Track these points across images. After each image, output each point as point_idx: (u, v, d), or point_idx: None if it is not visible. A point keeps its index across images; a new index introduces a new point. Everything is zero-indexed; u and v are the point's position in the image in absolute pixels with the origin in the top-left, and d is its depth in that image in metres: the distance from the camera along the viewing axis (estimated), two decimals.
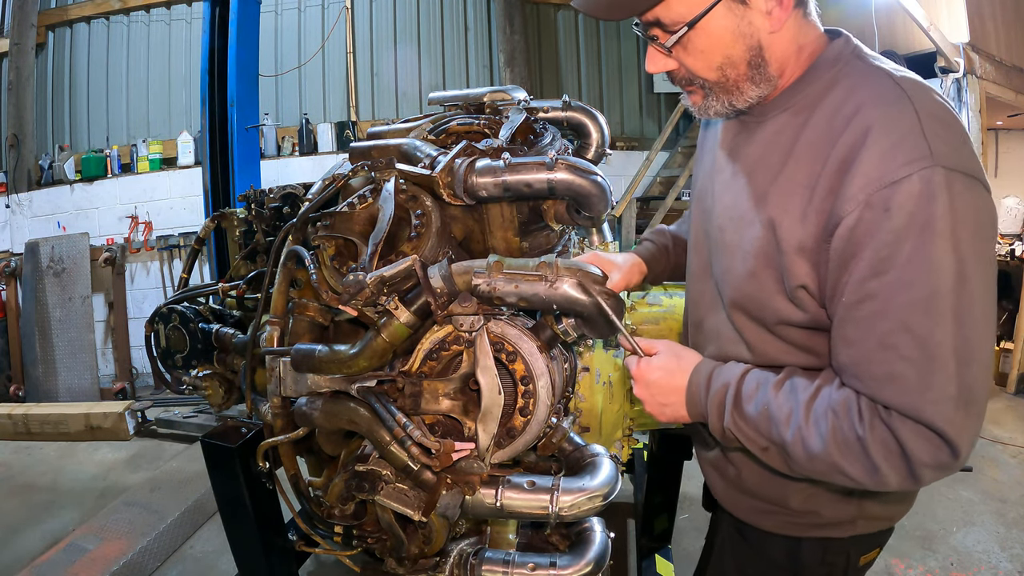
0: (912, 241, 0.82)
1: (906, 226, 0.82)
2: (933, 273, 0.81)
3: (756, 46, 0.96)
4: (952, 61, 3.91)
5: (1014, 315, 4.97)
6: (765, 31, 0.95)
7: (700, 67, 0.99)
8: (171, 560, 2.97)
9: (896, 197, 0.82)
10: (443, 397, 1.34)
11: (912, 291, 0.82)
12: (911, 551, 2.85)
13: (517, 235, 1.46)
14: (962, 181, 0.82)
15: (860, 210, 0.85)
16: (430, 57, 6.21)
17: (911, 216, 0.82)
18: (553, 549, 1.55)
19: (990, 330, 0.87)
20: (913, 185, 0.82)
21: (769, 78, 0.99)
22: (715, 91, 1.01)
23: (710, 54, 0.96)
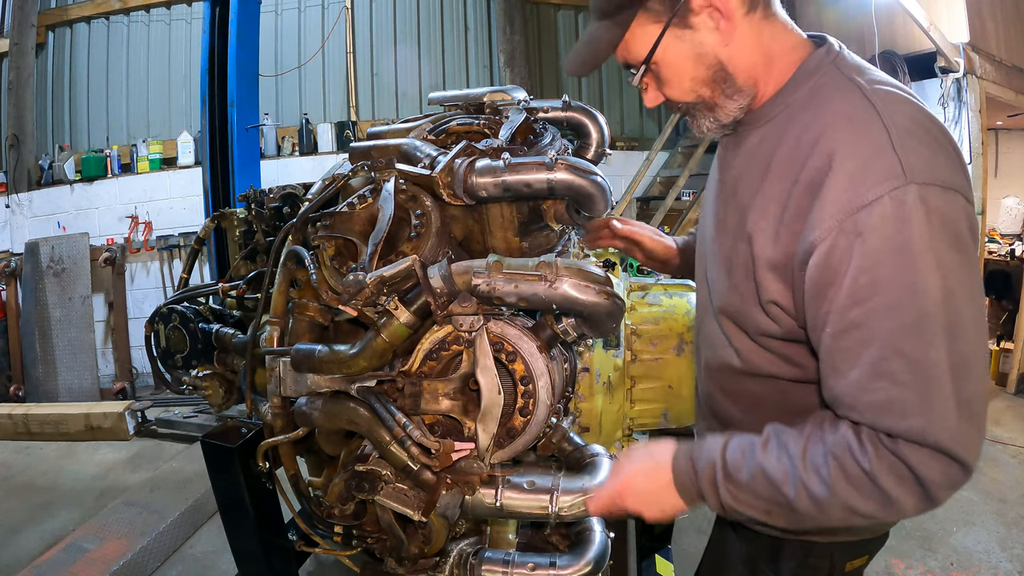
0: (890, 265, 0.81)
1: (882, 249, 0.81)
2: (918, 295, 0.80)
3: (715, 63, 0.99)
4: (952, 61, 3.91)
5: (1014, 315, 4.97)
6: (720, 46, 0.97)
7: (676, 94, 1.04)
8: (171, 560, 2.97)
9: (868, 221, 0.81)
10: (443, 397, 1.34)
11: (899, 315, 0.81)
12: (911, 551, 2.85)
13: (517, 235, 1.46)
14: (937, 194, 0.81)
15: (833, 236, 0.84)
16: (430, 57, 6.21)
17: (886, 239, 0.81)
18: (553, 549, 1.55)
19: (982, 337, 0.86)
20: (885, 207, 0.81)
21: (740, 89, 1.00)
22: (699, 112, 1.05)
23: (678, 81, 1.02)
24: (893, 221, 0.80)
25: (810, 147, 0.89)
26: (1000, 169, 6.13)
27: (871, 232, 0.81)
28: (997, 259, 5.28)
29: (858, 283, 0.82)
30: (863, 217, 0.81)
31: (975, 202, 0.91)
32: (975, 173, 4.01)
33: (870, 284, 0.82)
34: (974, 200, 0.88)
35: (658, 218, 5.60)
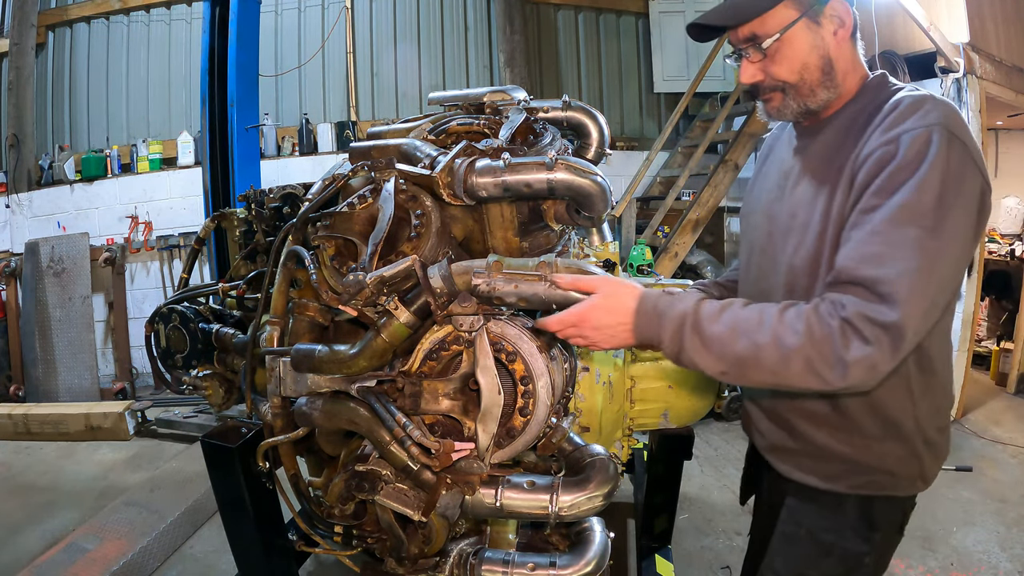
0: (912, 169, 1.05)
1: (912, 160, 1.05)
2: (921, 190, 1.03)
3: (826, 56, 1.22)
4: (952, 61, 3.91)
5: (1014, 315, 4.97)
6: (832, 46, 1.22)
7: (784, 72, 1.23)
8: (171, 560, 2.97)
9: (910, 140, 1.07)
10: (443, 397, 1.34)
11: (904, 196, 1.04)
12: (911, 551, 2.85)
13: (517, 235, 1.46)
14: (961, 148, 1.06)
15: (881, 149, 1.09)
16: (430, 57, 6.21)
17: (918, 153, 1.05)
18: (553, 549, 1.55)
19: (955, 270, 1.07)
20: (922, 134, 1.06)
21: (836, 84, 1.24)
22: (794, 93, 1.24)
23: (792, 61, 1.22)
24: (925, 143, 1.05)
25: (886, 113, 1.15)
26: (1000, 169, 6.13)
27: (911, 145, 1.06)
28: (997, 259, 5.28)
29: (889, 180, 1.06)
30: (907, 135, 1.07)
31: None
32: None
33: (896, 180, 1.05)
34: (990, 207, 1.12)
35: (658, 218, 5.59)
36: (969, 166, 1.07)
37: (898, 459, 1.26)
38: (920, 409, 1.24)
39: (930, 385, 1.24)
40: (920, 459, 1.27)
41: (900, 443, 1.25)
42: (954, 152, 1.05)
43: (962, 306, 4.15)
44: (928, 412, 1.25)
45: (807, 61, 1.22)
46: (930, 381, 1.23)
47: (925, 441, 1.26)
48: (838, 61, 1.23)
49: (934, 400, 1.26)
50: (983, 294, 4.85)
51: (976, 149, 1.09)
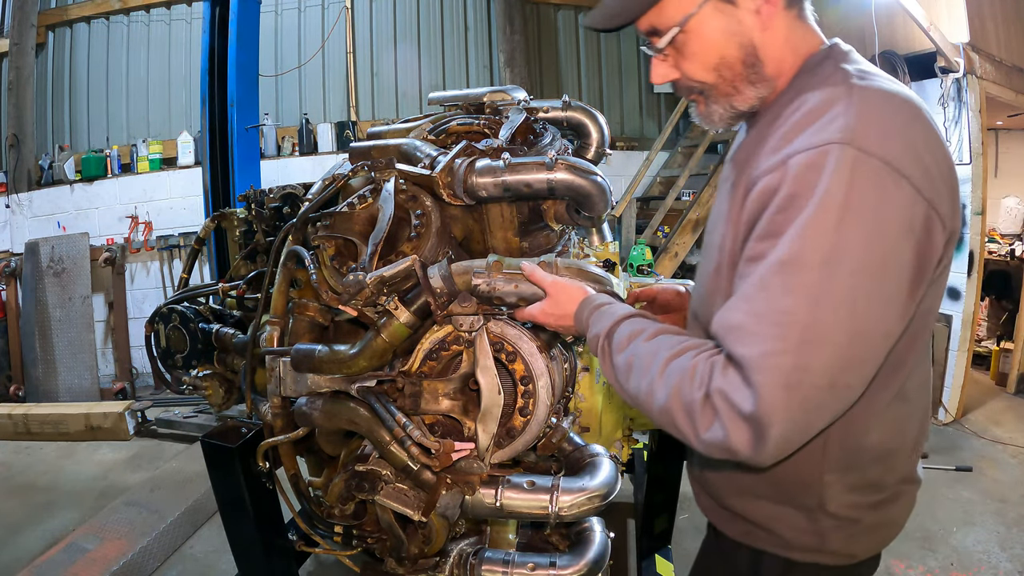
0: (797, 209, 0.81)
1: (796, 195, 0.82)
2: (805, 243, 0.80)
3: (749, 44, 0.97)
4: (952, 61, 3.91)
5: (1014, 315, 4.97)
6: (756, 30, 0.96)
7: (697, 70, 1.00)
8: (171, 560, 2.96)
9: (797, 167, 0.83)
10: (443, 397, 1.34)
11: (780, 252, 0.81)
12: (911, 551, 2.85)
13: (517, 235, 1.46)
14: (878, 170, 0.80)
15: (767, 176, 0.86)
16: (430, 57, 6.21)
17: (805, 186, 0.81)
18: (553, 549, 1.55)
19: (861, 327, 0.80)
20: (813, 156, 0.82)
21: (765, 78, 0.99)
22: (715, 94, 1.02)
23: (705, 55, 0.98)
24: (814, 170, 0.81)
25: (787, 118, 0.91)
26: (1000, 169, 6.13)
27: (795, 177, 0.83)
28: (997, 259, 5.28)
29: (773, 220, 0.84)
30: (794, 160, 0.83)
31: (975, 203, 0.93)
32: (975, 173, 4.01)
33: (778, 223, 0.83)
34: (946, 214, 0.85)
35: (658, 218, 5.59)
36: (892, 192, 0.80)
37: (791, 527, 1.04)
38: (831, 487, 0.99)
39: (857, 462, 0.99)
40: (823, 536, 1.02)
41: (795, 510, 1.02)
42: (862, 179, 0.79)
43: (962, 306, 4.15)
44: (845, 488, 1.00)
45: (723, 53, 0.97)
46: (858, 458, 0.99)
47: (834, 517, 1.01)
48: (766, 46, 0.97)
49: (863, 476, 1.00)
50: (983, 294, 4.85)
51: (911, 162, 0.82)
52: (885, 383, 0.94)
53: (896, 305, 0.83)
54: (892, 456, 1.01)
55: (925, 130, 0.87)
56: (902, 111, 0.86)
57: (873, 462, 1.00)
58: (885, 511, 1.04)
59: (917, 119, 0.87)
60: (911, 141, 0.84)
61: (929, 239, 0.83)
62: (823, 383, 0.79)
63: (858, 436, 0.97)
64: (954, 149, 4.05)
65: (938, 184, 0.84)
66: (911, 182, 0.81)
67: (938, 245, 0.85)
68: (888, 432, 0.99)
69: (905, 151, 0.82)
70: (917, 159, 0.83)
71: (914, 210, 0.82)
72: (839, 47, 1.00)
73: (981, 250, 4.12)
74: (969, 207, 4.07)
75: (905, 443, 1.03)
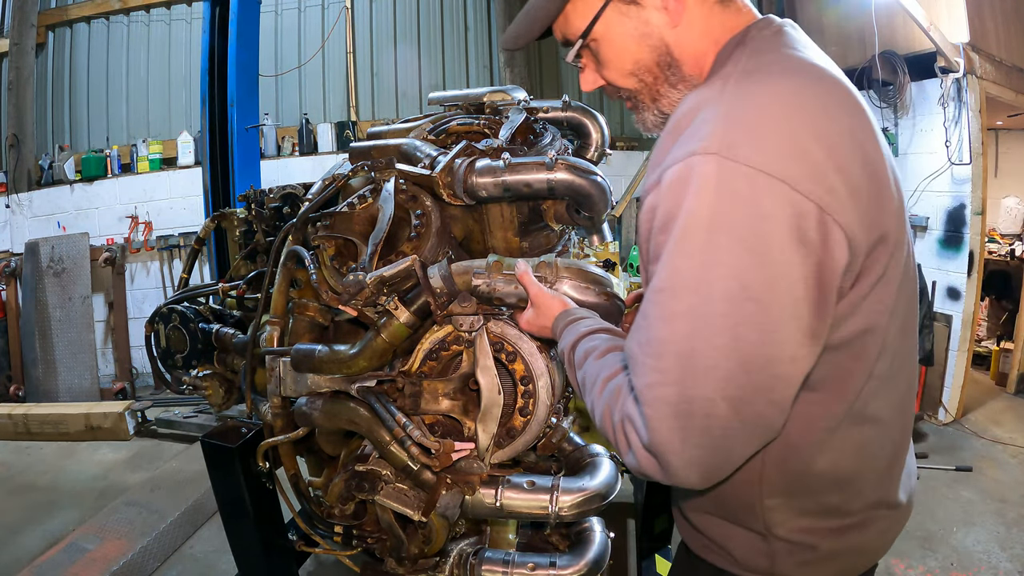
0: (669, 231, 0.76)
1: (670, 214, 0.76)
2: (674, 270, 0.75)
3: (661, 45, 0.91)
4: (952, 61, 3.91)
5: (1014, 315, 4.97)
6: (666, 28, 0.90)
7: (616, 77, 0.96)
8: (171, 560, 2.96)
9: (668, 182, 0.77)
10: (443, 397, 1.34)
11: (656, 280, 0.77)
12: (911, 551, 2.85)
13: (517, 235, 1.46)
14: (746, 177, 0.72)
15: (649, 195, 0.82)
16: (430, 57, 6.21)
17: (675, 202, 0.76)
18: (553, 549, 1.55)
19: (752, 353, 0.72)
20: (679, 171, 0.76)
21: (686, 78, 0.93)
22: (640, 100, 0.97)
23: (619, 62, 0.94)
24: (681, 185, 0.75)
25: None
26: (1000, 169, 6.13)
27: (666, 194, 0.77)
28: (997, 259, 5.28)
29: (655, 241, 0.80)
30: (665, 176, 0.78)
31: (975, 203, 0.82)
32: (975, 173, 4.01)
33: (658, 245, 0.79)
34: (846, 212, 0.74)
35: None
36: (765, 199, 0.71)
37: (742, 546, 0.98)
38: (775, 511, 0.93)
39: (806, 487, 0.91)
40: (772, 558, 0.96)
41: (746, 531, 0.97)
42: (727, 191, 0.72)
43: (962, 306, 4.16)
44: (796, 513, 0.93)
45: (637, 58, 0.92)
46: (805, 483, 0.91)
47: (786, 541, 0.94)
48: (681, 44, 0.91)
49: (817, 501, 0.93)
50: (983, 294, 4.85)
51: (789, 161, 0.73)
52: (826, 407, 0.86)
53: (794, 327, 0.73)
54: (854, 482, 0.93)
55: (815, 121, 0.77)
56: (780, 103, 0.77)
57: (829, 487, 0.92)
58: (848, 538, 0.95)
59: (802, 110, 0.77)
60: (790, 136, 0.74)
61: (826, 246, 0.73)
62: (721, 413, 0.73)
63: (804, 460, 0.89)
64: (954, 149, 4.05)
65: (833, 179, 0.74)
66: (789, 184, 0.71)
67: (837, 252, 0.74)
68: (845, 457, 0.90)
69: (780, 150, 0.73)
70: (799, 156, 0.73)
71: (799, 216, 0.71)
72: (752, 31, 0.90)
73: (981, 250, 4.11)
74: (969, 207, 4.07)
75: (873, 467, 0.95)
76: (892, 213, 0.81)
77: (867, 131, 0.81)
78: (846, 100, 0.82)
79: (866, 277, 0.80)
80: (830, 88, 0.82)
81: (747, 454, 0.80)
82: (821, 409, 0.86)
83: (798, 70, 0.83)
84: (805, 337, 0.74)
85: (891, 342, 0.88)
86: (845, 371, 0.85)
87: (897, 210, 0.83)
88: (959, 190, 4.12)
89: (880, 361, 0.87)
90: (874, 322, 0.83)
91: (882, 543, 1.00)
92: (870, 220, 0.77)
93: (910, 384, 1.00)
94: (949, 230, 4.22)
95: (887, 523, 0.99)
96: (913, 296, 0.96)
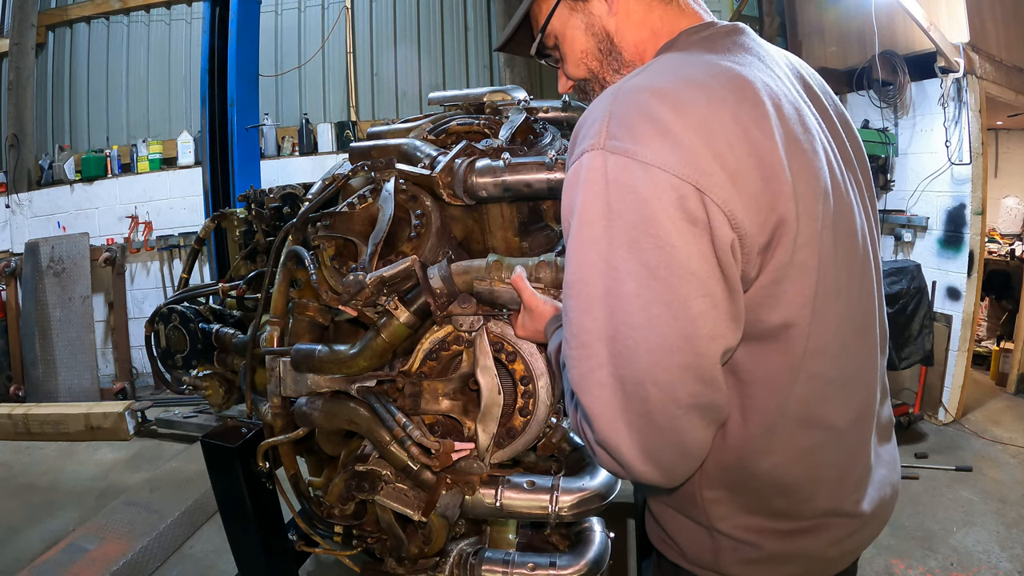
0: (570, 225, 0.81)
1: (566, 209, 0.83)
2: (579, 262, 0.79)
3: (601, 32, 0.98)
4: (952, 61, 3.91)
5: (1014, 315, 4.97)
6: (607, 16, 0.97)
7: (572, 69, 1.03)
8: (171, 560, 2.96)
9: (568, 178, 0.83)
10: (443, 397, 1.34)
11: (567, 275, 0.81)
12: (911, 551, 2.85)
13: (517, 235, 1.46)
14: (625, 166, 0.75)
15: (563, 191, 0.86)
16: (430, 57, 6.21)
17: (568, 199, 0.82)
18: (553, 549, 1.55)
19: (669, 331, 0.74)
20: (573, 170, 0.81)
21: (627, 63, 0.98)
22: (593, 89, 1.03)
23: (571, 53, 1.01)
24: (575, 180, 0.80)
25: None
26: (1000, 169, 6.13)
27: (567, 190, 0.83)
28: (997, 259, 5.28)
29: (566, 235, 0.84)
30: (568, 172, 0.83)
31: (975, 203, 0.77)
32: (975, 173, 4.01)
33: (567, 238, 0.83)
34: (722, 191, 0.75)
35: None
36: (644, 185, 0.75)
37: (691, 540, 0.99)
38: (716, 504, 0.93)
39: (747, 484, 0.91)
40: (716, 554, 0.95)
41: (694, 524, 0.97)
42: (613, 181, 0.76)
43: (962, 306, 4.16)
44: (739, 509, 0.93)
45: (583, 47, 0.99)
46: (746, 481, 0.90)
47: (729, 537, 0.94)
48: (620, 31, 0.97)
49: (762, 500, 0.92)
50: (983, 294, 4.85)
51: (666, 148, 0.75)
52: (756, 400, 0.86)
53: (706, 304, 0.75)
54: (802, 488, 0.91)
55: (695, 112, 0.78)
56: (659, 96, 0.79)
57: (773, 490, 0.91)
58: (796, 541, 0.93)
59: (680, 102, 0.78)
60: (666, 127, 0.76)
61: (711, 224, 0.75)
62: (654, 397, 0.75)
63: (741, 457, 0.88)
64: (954, 149, 4.05)
65: (708, 164, 0.75)
66: (666, 170, 0.74)
67: (721, 231, 0.75)
68: (788, 461, 0.89)
69: (656, 140, 0.76)
70: (673, 144, 0.75)
71: (681, 198, 0.74)
72: (682, 37, 0.94)
73: (981, 250, 4.12)
74: (969, 207, 4.07)
75: (823, 476, 0.92)
76: (787, 196, 0.80)
77: (758, 118, 0.81)
78: (738, 90, 0.82)
79: (772, 263, 0.80)
80: (722, 80, 0.83)
81: (703, 439, 0.81)
82: (751, 401, 0.87)
83: (690, 64, 0.86)
84: (722, 314, 0.76)
85: (829, 342, 0.87)
86: (770, 364, 0.85)
87: (802, 194, 0.81)
88: (959, 190, 4.12)
89: (815, 361, 0.86)
90: (793, 315, 0.83)
91: (839, 552, 0.97)
92: (759, 204, 0.78)
93: (870, 391, 0.98)
94: (949, 230, 4.22)
95: (843, 532, 0.96)
96: (863, 297, 0.94)
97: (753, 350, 0.84)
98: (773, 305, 0.82)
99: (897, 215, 4.48)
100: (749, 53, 0.91)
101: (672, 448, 0.79)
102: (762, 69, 0.89)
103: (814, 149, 0.87)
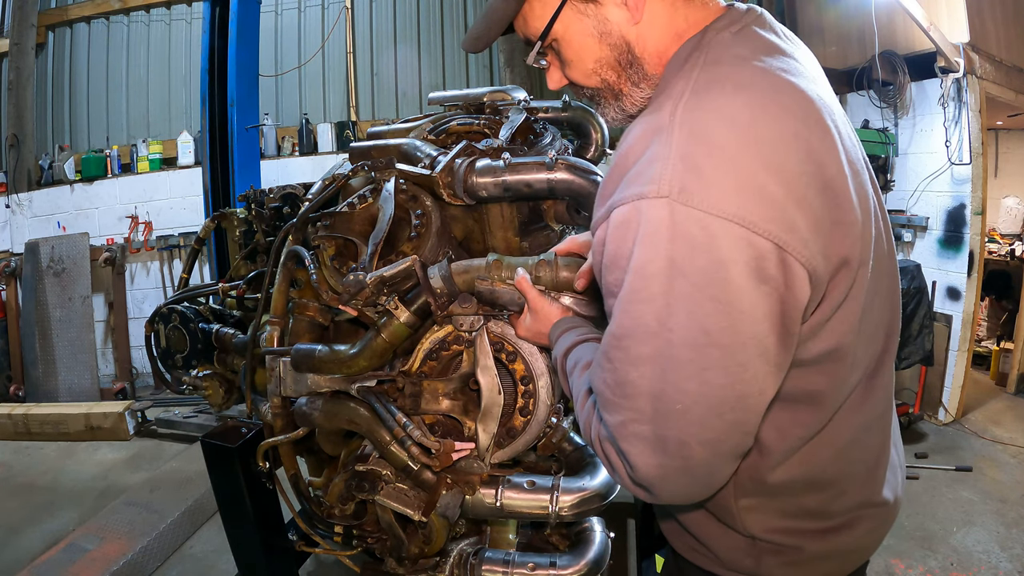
0: (621, 272, 0.75)
1: (616, 255, 0.75)
2: (632, 317, 0.74)
3: (621, 43, 0.88)
4: (952, 61, 3.91)
5: (1014, 315, 4.97)
6: (626, 24, 0.87)
7: (578, 77, 0.94)
8: (171, 560, 2.96)
9: (616, 222, 0.75)
10: (443, 397, 1.34)
11: (613, 326, 0.77)
12: (911, 551, 2.85)
13: (517, 235, 1.46)
14: (699, 222, 0.69)
15: (599, 228, 0.80)
16: (430, 57, 6.21)
17: (621, 244, 0.75)
18: (553, 549, 1.55)
19: (720, 395, 0.72)
20: (626, 213, 0.74)
21: (648, 76, 0.90)
22: (603, 99, 0.95)
23: (580, 62, 0.92)
24: (629, 229, 0.73)
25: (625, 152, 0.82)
26: (1000, 169, 6.13)
27: (614, 235, 0.76)
28: (997, 259, 5.28)
29: (606, 277, 0.79)
30: (614, 214, 0.76)
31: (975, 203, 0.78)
32: (975, 173, 4.01)
33: (610, 284, 0.79)
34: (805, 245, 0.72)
35: None
36: (722, 242, 0.69)
37: (728, 547, 0.98)
38: (752, 511, 0.92)
39: (784, 490, 0.91)
40: (758, 559, 0.95)
41: (731, 530, 0.96)
42: (680, 237, 0.69)
43: (962, 306, 4.16)
44: (777, 514, 0.93)
45: (597, 57, 0.89)
46: (783, 487, 0.90)
47: (769, 542, 0.94)
48: (643, 41, 0.87)
49: (797, 502, 0.92)
50: (983, 294, 4.85)
51: (745, 198, 0.69)
52: (799, 417, 0.86)
53: (760, 363, 0.72)
54: (835, 484, 0.92)
55: (772, 150, 0.73)
56: (732, 135, 0.72)
57: (806, 490, 0.91)
58: (835, 539, 0.94)
59: (757, 140, 0.73)
60: (745, 173, 0.71)
61: (787, 283, 0.71)
62: (697, 455, 0.74)
63: (776, 465, 0.88)
64: (954, 149, 4.05)
65: (792, 215, 0.71)
66: (747, 227, 0.69)
67: (799, 288, 0.72)
68: (822, 462, 0.90)
69: (734, 190, 0.70)
70: (755, 194, 0.70)
71: (758, 258, 0.69)
72: (710, 32, 0.85)
73: (981, 250, 4.12)
74: (969, 207, 4.07)
75: (855, 471, 0.94)
76: (856, 237, 0.78)
77: (827, 144, 0.78)
78: (804, 113, 0.78)
79: (828, 302, 0.79)
80: (786, 102, 0.77)
81: (731, 473, 0.83)
82: (792, 418, 0.86)
83: (751, 85, 0.78)
84: (771, 368, 0.75)
85: (866, 348, 0.89)
86: (816, 386, 0.84)
87: (862, 230, 0.80)
88: (959, 190, 4.12)
89: (855, 372, 0.88)
90: (840, 341, 0.82)
91: (871, 541, 1.00)
92: (832, 248, 0.76)
93: (891, 380, 1.01)
94: (949, 230, 4.22)
95: (874, 522, 0.98)
96: (891, 295, 0.97)
97: (795, 374, 0.81)
98: (821, 336, 0.81)
99: (897, 215, 4.48)
100: (784, 55, 0.84)
101: (703, 486, 0.81)
102: (801, 73, 0.84)
103: (862, 165, 0.86)
